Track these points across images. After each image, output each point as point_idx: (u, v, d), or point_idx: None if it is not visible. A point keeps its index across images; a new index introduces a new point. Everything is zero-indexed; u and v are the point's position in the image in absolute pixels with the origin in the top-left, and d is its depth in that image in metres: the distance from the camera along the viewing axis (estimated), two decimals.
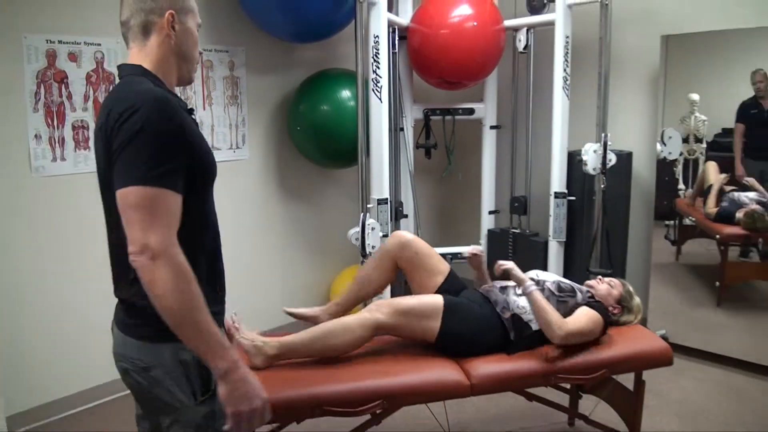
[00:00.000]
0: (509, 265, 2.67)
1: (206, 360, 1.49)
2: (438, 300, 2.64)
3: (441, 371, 2.50)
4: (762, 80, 3.88)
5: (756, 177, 4.04)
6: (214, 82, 4.00)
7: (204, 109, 3.95)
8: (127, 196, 1.44)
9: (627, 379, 2.86)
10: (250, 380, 1.54)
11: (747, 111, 3.98)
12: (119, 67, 1.68)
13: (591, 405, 3.15)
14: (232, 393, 1.51)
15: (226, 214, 4.01)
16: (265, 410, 1.57)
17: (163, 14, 1.62)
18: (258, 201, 4.28)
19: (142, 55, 1.64)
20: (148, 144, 1.44)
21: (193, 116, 1.68)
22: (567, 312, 2.74)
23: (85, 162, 3.48)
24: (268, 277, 4.48)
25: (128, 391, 1.69)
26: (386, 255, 2.89)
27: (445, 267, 2.92)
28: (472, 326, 2.62)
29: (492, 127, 4.73)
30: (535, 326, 2.68)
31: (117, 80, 1.67)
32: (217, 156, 3.97)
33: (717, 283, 4.18)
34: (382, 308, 2.57)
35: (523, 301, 2.73)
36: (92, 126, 3.48)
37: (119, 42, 3.51)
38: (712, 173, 4.19)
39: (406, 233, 2.94)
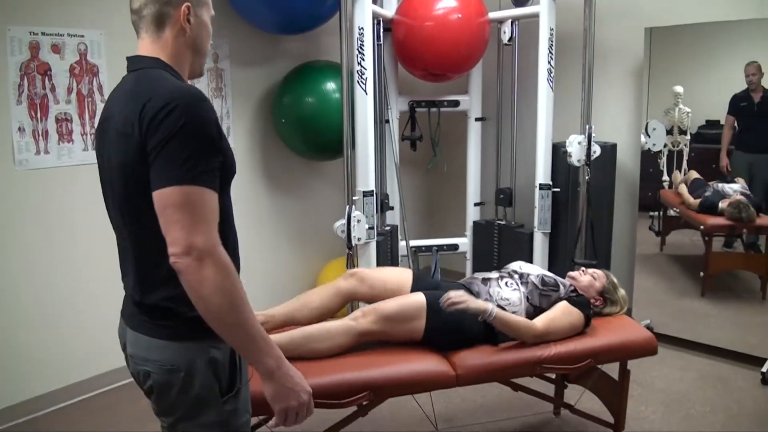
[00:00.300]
0: (461, 299, 2.52)
1: (252, 359, 1.47)
2: (420, 300, 2.61)
3: (427, 362, 2.50)
4: (755, 72, 3.89)
5: (745, 169, 4.08)
6: None
7: None
8: (168, 196, 1.38)
9: (612, 369, 2.89)
10: (295, 374, 1.53)
11: (738, 103, 4.00)
12: (133, 58, 1.61)
13: (576, 394, 3.17)
14: (279, 391, 1.50)
15: None
16: (311, 403, 1.57)
17: (179, 6, 1.57)
18: (243, 194, 4.27)
19: (157, 47, 1.59)
20: (189, 142, 1.40)
21: None
22: (549, 305, 2.76)
23: (69, 155, 3.46)
24: (254, 270, 4.46)
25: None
26: (337, 292, 2.82)
27: (406, 276, 2.85)
28: (457, 320, 2.61)
29: (477, 119, 4.74)
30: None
31: (125, 72, 1.62)
32: None
33: (701, 274, 4.21)
34: (367, 316, 2.55)
35: (506, 293, 2.74)
36: (75, 119, 3.46)
37: (102, 34, 3.49)
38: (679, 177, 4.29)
39: (357, 272, 2.85)
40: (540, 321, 2.65)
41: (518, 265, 2.95)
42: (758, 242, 4.06)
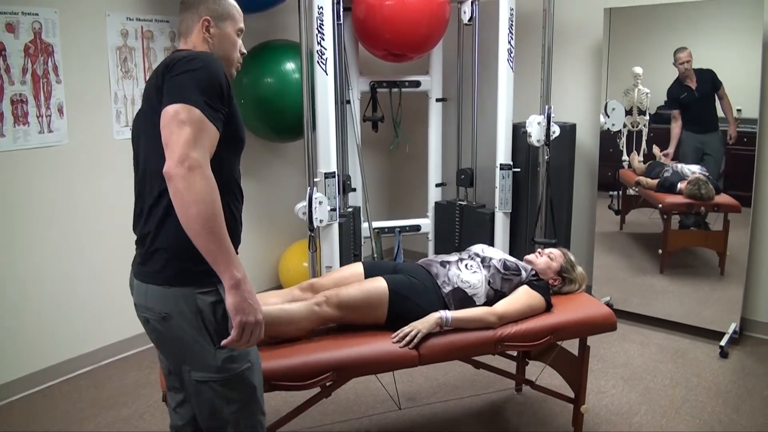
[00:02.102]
0: (412, 330, 2.49)
1: (221, 268, 1.60)
2: (382, 287, 2.59)
3: (389, 342, 2.50)
4: (688, 59, 3.96)
5: (695, 149, 4.15)
6: (155, 53, 3.90)
7: (145, 81, 3.84)
8: (178, 112, 1.59)
9: (572, 345, 2.92)
10: (254, 294, 1.67)
11: (677, 95, 4.08)
12: (175, 51, 1.83)
13: (537, 371, 3.20)
14: (241, 303, 1.62)
15: None
16: (262, 327, 1.69)
17: (200, 19, 1.85)
18: None
19: (189, 48, 1.86)
20: (203, 79, 1.64)
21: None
22: (511, 289, 2.78)
23: (25, 138, 3.37)
24: None
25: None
26: (293, 301, 2.70)
27: (358, 271, 2.81)
28: (419, 303, 2.60)
29: (438, 100, 4.73)
30: (479, 301, 2.71)
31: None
32: None
33: (660, 251, 4.28)
34: (330, 301, 2.52)
35: (466, 275, 2.74)
36: (31, 100, 3.37)
37: (57, 12, 3.40)
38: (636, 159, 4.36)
39: (314, 282, 2.78)
40: (500, 306, 2.67)
41: (480, 248, 2.95)
42: (707, 221, 4.14)
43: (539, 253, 3.03)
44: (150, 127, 1.71)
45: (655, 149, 4.29)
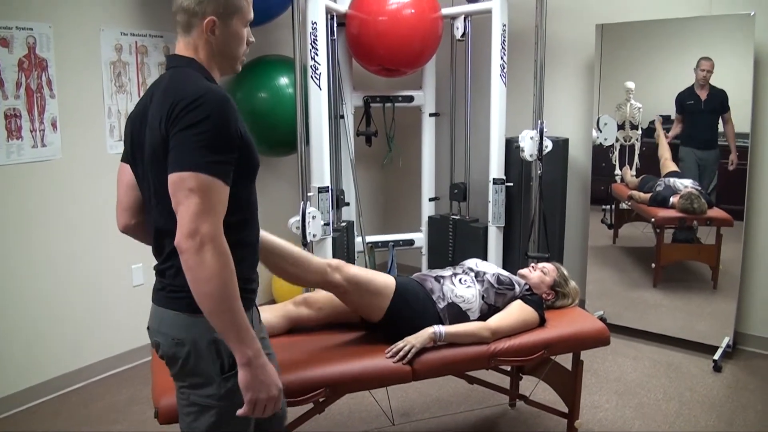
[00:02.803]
0: (406, 344, 2.49)
1: (233, 345, 1.56)
2: (390, 281, 2.63)
3: (382, 358, 2.49)
4: (709, 69, 3.95)
5: (694, 165, 4.15)
6: (149, 68, 3.91)
7: (139, 96, 3.85)
8: (182, 180, 1.49)
9: (566, 360, 2.92)
10: (269, 369, 1.61)
11: (684, 101, 4.08)
12: (171, 57, 1.73)
13: (531, 386, 3.20)
14: (253, 380, 1.58)
15: None
16: (280, 399, 1.65)
17: (204, 18, 1.66)
18: None
19: (189, 50, 1.70)
20: (209, 134, 1.51)
21: None
22: (505, 303, 2.79)
23: (18, 152, 3.36)
24: None
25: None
26: (285, 314, 2.74)
27: None
28: (418, 310, 2.61)
29: (431, 115, 4.75)
30: (473, 315, 2.71)
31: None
32: None
33: (653, 265, 4.29)
34: (341, 270, 2.54)
35: (461, 290, 2.74)
36: (25, 115, 3.37)
37: (51, 26, 3.41)
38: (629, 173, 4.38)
39: (307, 297, 2.79)
40: (494, 320, 2.67)
41: (474, 263, 2.95)
42: (698, 235, 4.17)
43: (532, 267, 3.04)
44: (157, 184, 1.63)
45: (625, 170, 4.34)
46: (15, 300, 3.44)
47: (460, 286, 2.76)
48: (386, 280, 2.64)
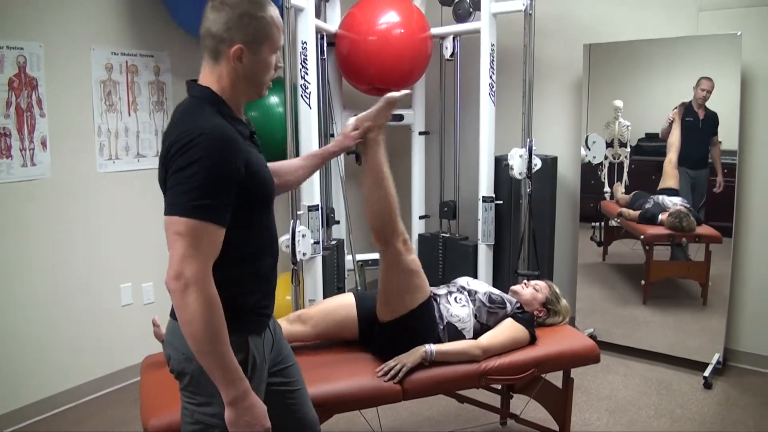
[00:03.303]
0: (398, 363, 2.51)
1: (219, 384, 1.58)
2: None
3: (373, 377, 2.49)
4: (709, 90, 3.96)
5: (687, 184, 4.16)
6: (139, 87, 3.91)
7: (129, 115, 3.86)
8: (171, 224, 1.52)
9: (556, 378, 2.92)
10: (257, 409, 1.63)
11: (684, 116, 4.09)
12: (190, 83, 1.72)
13: (522, 404, 3.19)
14: (238, 419, 1.61)
15: (151, 221, 3.93)
16: None
17: (232, 46, 1.63)
18: None
19: (213, 77, 1.67)
20: (199, 177, 1.51)
21: (254, 137, 1.77)
22: (497, 322, 2.79)
23: (8, 171, 3.35)
24: None
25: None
26: None
27: (349, 301, 2.81)
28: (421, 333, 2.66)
29: (421, 133, 4.78)
30: (468, 335, 2.72)
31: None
32: (143, 164, 3.95)
33: (642, 282, 4.31)
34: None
35: (456, 310, 2.74)
36: (14, 134, 3.36)
37: (41, 46, 3.41)
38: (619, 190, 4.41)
39: (301, 314, 2.78)
40: (485, 339, 2.68)
41: (465, 281, 2.95)
42: (688, 252, 4.18)
43: (525, 284, 3.04)
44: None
45: (616, 186, 4.38)
46: (2, 321, 3.41)
47: (456, 305, 2.77)
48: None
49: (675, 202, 4.14)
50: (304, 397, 2.04)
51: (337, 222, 4.52)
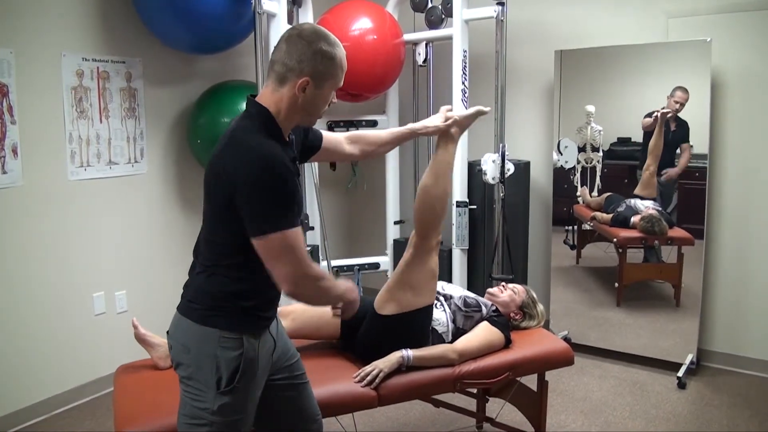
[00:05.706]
0: (373, 369, 2.51)
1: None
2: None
3: (348, 383, 2.48)
4: (683, 102, 3.99)
5: (656, 191, 4.23)
6: (110, 93, 3.86)
7: (101, 122, 3.82)
8: (263, 244, 1.71)
9: (531, 381, 2.93)
10: (348, 287, 1.99)
11: (652, 129, 4.13)
12: (250, 100, 1.84)
13: (497, 407, 3.20)
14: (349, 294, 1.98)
15: (124, 229, 3.89)
16: (356, 298, 2.02)
17: (300, 77, 1.76)
18: (158, 216, 4.14)
19: (273, 98, 1.79)
20: (265, 197, 1.68)
21: (295, 160, 1.91)
22: (472, 326, 2.80)
23: None
24: (170, 292, 4.35)
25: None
26: None
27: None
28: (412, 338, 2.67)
29: None
30: (447, 338, 2.73)
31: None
32: (115, 171, 3.92)
33: (616, 284, 4.34)
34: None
35: (436, 314, 2.75)
36: None
37: (12, 52, 3.36)
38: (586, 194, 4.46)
39: (290, 311, 2.77)
40: (460, 343, 2.69)
41: (441, 286, 2.95)
42: (660, 254, 4.25)
43: (503, 286, 3.06)
44: (208, 212, 1.86)
45: (583, 190, 4.42)
46: (51, 307, 3.48)
47: (435, 310, 2.77)
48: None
49: (647, 205, 4.19)
50: (308, 390, 2.16)
51: (312, 228, 4.50)
